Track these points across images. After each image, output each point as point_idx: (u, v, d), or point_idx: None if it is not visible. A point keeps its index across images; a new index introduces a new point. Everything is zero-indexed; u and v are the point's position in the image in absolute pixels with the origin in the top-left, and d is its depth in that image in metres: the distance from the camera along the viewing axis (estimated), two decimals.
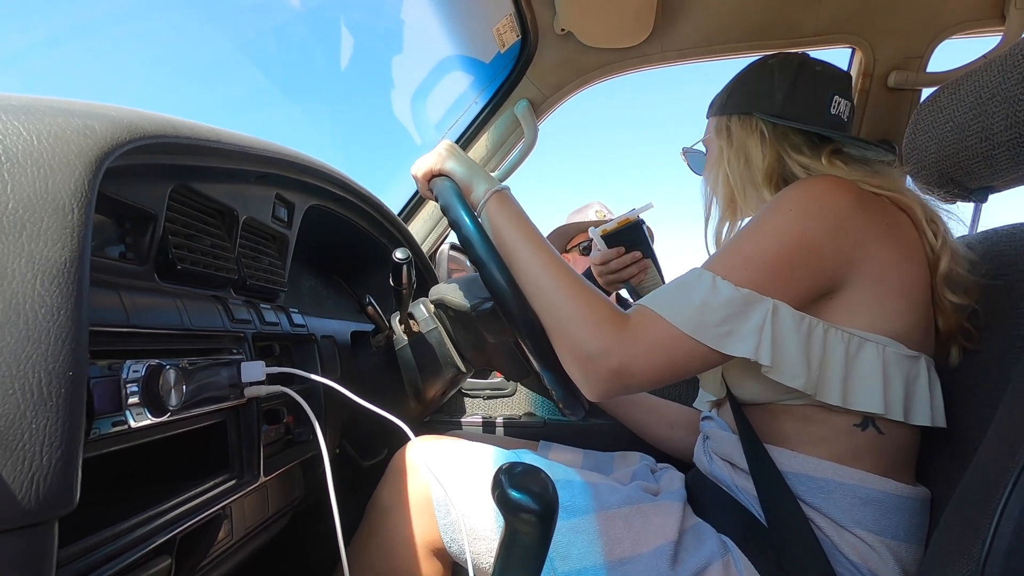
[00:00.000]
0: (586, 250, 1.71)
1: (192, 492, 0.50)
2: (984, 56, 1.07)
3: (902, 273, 0.63)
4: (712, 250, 0.81)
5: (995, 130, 0.66)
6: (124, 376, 0.39)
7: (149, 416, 0.41)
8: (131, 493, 0.48)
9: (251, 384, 0.57)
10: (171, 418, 0.44)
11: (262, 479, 0.60)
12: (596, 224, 1.14)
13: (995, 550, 0.44)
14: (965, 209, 0.79)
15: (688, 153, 0.92)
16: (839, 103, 0.77)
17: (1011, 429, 0.49)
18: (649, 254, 1.05)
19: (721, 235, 0.85)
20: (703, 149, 0.90)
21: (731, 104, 0.81)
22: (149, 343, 0.45)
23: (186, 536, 0.48)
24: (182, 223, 0.56)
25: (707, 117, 0.88)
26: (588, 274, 1.08)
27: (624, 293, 1.17)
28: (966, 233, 0.81)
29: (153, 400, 0.41)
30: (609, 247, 1.05)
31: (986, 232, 0.70)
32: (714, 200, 0.83)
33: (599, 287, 0.99)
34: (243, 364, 0.57)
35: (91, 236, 0.31)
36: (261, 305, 0.68)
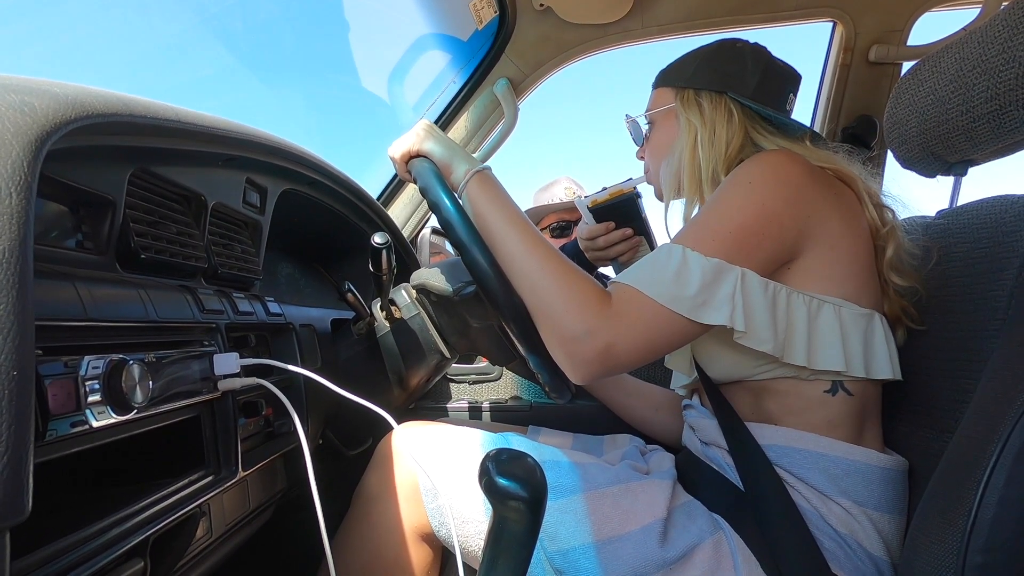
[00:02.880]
0: (556, 231, 1.57)
1: (165, 491, 0.48)
2: (964, 28, 1.07)
3: (848, 241, 0.67)
4: (679, 225, 0.79)
5: (976, 102, 0.65)
6: (82, 373, 0.37)
7: (112, 414, 0.39)
8: (100, 495, 0.46)
9: (225, 377, 0.55)
10: (137, 415, 0.42)
11: (241, 474, 0.58)
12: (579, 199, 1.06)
13: (980, 520, 0.44)
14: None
15: (633, 121, 0.89)
16: (792, 100, 0.81)
17: (992, 402, 0.50)
18: (643, 232, 0.95)
19: (690, 215, 0.83)
20: (646, 121, 0.87)
21: (700, 79, 0.79)
22: (111, 337, 0.43)
23: (161, 536, 0.46)
24: (145, 209, 0.53)
25: (658, 87, 0.85)
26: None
27: (610, 271, 1.11)
28: (946, 207, 0.82)
29: (116, 397, 0.39)
30: (598, 221, 0.95)
31: (970, 204, 0.70)
32: (682, 175, 0.79)
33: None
34: (216, 356, 0.54)
35: (33, 223, 0.29)
36: (234, 294, 0.65)
